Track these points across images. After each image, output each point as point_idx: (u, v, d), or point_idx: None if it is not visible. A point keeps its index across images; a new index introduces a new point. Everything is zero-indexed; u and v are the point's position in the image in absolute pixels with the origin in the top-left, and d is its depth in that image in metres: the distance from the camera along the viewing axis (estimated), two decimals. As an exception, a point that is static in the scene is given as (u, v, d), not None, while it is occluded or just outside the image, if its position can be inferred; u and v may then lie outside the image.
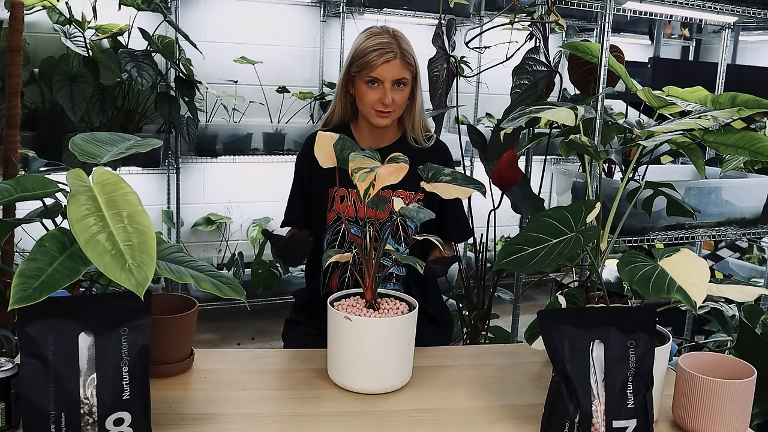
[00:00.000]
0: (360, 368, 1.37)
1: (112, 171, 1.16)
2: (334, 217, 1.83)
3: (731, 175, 2.36)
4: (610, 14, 1.97)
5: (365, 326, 1.34)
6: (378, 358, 1.36)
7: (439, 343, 1.93)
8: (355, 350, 1.36)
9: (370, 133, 1.87)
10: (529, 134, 2.31)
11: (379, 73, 1.76)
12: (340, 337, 1.37)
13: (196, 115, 3.42)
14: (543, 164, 2.28)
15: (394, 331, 1.36)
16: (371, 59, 1.76)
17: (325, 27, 4.03)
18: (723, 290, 1.33)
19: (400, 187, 1.79)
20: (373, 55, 1.76)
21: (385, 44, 1.77)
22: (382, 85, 1.77)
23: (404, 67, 1.77)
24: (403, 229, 1.84)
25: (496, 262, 1.35)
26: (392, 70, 1.76)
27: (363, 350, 1.36)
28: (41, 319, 1.05)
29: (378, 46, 1.76)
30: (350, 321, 1.33)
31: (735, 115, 1.80)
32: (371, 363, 1.36)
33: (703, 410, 1.22)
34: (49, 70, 3.03)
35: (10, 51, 1.97)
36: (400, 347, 1.39)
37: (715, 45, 5.31)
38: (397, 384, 1.40)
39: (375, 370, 1.37)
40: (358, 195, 1.78)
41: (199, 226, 3.90)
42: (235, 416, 1.27)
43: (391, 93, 1.77)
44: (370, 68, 1.76)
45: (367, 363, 1.36)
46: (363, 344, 1.35)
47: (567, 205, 1.41)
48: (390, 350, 1.37)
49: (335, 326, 1.37)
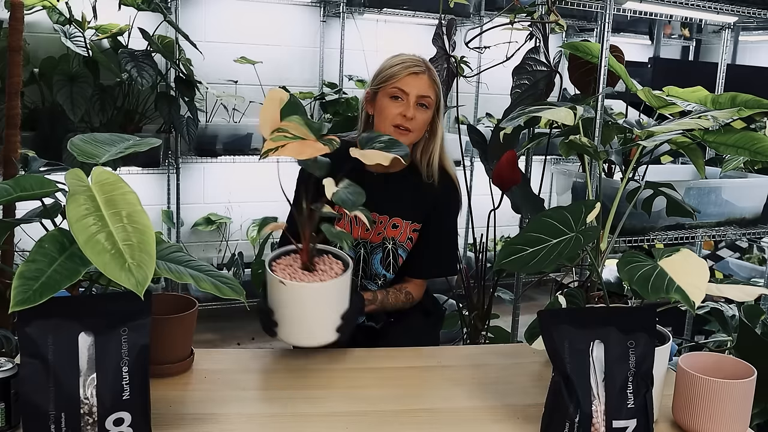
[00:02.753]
0: (295, 326, 1.45)
1: (111, 171, 1.16)
2: None
3: (731, 175, 2.36)
4: (610, 14, 1.97)
5: (298, 289, 1.40)
6: (311, 318, 1.44)
7: (433, 335, 1.94)
8: (290, 309, 1.43)
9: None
10: (529, 134, 2.31)
11: (404, 85, 1.70)
12: (278, 298, 1.43)
13: (196, 115, 3.42)
14: (543, 164, 2.28)
15: (326, 293, 1.43)
16: (397, 70, 1.71)
17: (325, 27, 4.02)
18: (723, 290, 1.33)
19: (397, 215, 1.80)
20: (400, 67, 1.72)
21: (413, 60, 1.73)
22: (407, 98, 1.70)
23: (430, 86, 1.72)
24: (393, 257, 1.80)
25: (496, 262, 1.35)
26: (418, 84, 1.70)
27: (297, 310, 1.43)
28: (41, 319, 1.05)
29: (406, 61, 1.73)
30: (284, 285, 1.39)
31: (735, 115, 1.80)
32: (306, 321, 1.44)
33: (703, 410, 1.22)
34: (49, 70, 3.03)
35: (10, 51, 1.97)
36: (333, 306, 1.45)
37: (715, 45, 5.30)
38: (331, 338, 1.46)
39: (310, 327, 1.45)
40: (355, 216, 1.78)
41: (199, 226, 3.90)
42: (235, 416, 1.26)
43: (414, 110, 1.70)
44: (395, 79, 1.71)
45: (301, 321, 1.44)
46: (297, 304, 1.42)
47: (567, 205, 1.41)
48: (323, 310, 1.44)
49: (273, 286, 1.43)
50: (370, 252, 1.81)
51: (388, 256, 1.80)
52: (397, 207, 1.80)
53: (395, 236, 1.80)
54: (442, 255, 1.86)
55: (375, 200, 1.80)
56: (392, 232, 1.80)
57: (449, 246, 1.87)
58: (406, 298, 1.81)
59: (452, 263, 1.91)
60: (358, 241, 1.81)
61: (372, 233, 1.80)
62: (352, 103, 3.78)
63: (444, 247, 1.86)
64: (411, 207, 1.80)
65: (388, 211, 1.80)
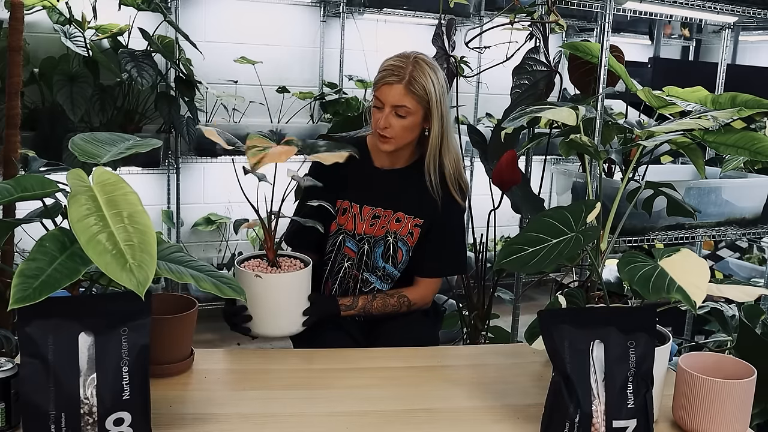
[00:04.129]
0: (270, 317, 1.58)
1: (112, 171, 1.17)
2: (336, 229, 1.84)
3: (731, 175, 2.36)
4: (610, 14, 1.97)
5: (272, 281, 1.56)
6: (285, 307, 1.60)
7: (432, 334, 1.94)
8: (266, 301, 1.57)
9: (386, 153, 1.82)
10: (529, 134, 2.31)
11: (380, 94, 1.72)
12: (252, 293, 1.53)
13: (196, 115, 3.41)
14: (543, 164, 2.28)
15: (295, 283, 1.60)
16: (377, 79, 1.73)
17: (325, 27, 4.02)
18: (723, 290, 1.33)
19: (401, 209, 1.82)
20: (380, 75, 1.73)
21: (395, 67, 1.71)
22: (383, 107, 1.72)
23: (406, 95, 1.70)
24: (393, 250, 1.82)
25: (496, 262, 1.35)
26: (392, 93, 1.70)
27: (271, 301, 1.57)
28: (41, 319, 1.05)
29: (388, 68, 1.72)
30: (260, 278, 1.54)
31: (735, 115, 1.80)
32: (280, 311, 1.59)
33: (703, 410, 1.22)
34: (49, 70, 3.03)
35: (10, 51, 1.97)
36: (303, 296, 1.62)
37: (715, 45, 5.30)
38: (294, 329, 1.62)
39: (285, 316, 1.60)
40: (360, 211, 1.80)
41: (199, 226, 3.90)
42: (235, 416, 1.27)
43: (390, 118, 1.71)
44: (376, 88, 1.73)
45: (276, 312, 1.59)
46: (272, 295, 1.57)
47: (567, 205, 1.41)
48: (295, 298, 1.61)
49: (246, 284, 1.52)
50: (373, 246, 1.82)
51: (388, 249, 1.82)
52: (402, 202, 1.82)
53: (397, 230, 1.82)
54: (447, 253, 1.87)
55: (380, 195, 1.82)
56: (395, 226, 1.83)
57: (453, 244, 1.88)
58: (398, 302, 1.81)
59: (457, 261, 1.91)
60: (363, 236, 1.82)
61: (375, 227, 1.82)
62: (352, 103, 3.77)
63: (448, 246, 1.87)
64: (415, 203, 1.83)
65: (392, 205, 1.83)
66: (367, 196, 1.83)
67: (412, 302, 1.83)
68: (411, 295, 1.83)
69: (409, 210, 1.82)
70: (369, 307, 1.78)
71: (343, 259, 1.83)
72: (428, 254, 1.84)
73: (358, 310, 1.77)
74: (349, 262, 1.82)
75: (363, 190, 1.83)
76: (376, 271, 1.83)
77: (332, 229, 1.84)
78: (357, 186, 1.83)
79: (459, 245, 1.90)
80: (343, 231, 1.83)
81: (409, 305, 1.82)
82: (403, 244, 1.82)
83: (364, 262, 1.83)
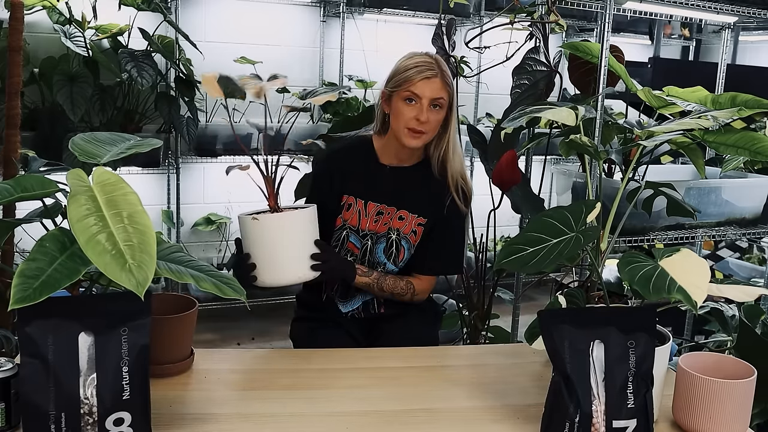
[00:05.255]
0: (273, 262, 1.55)
1: (112, 171, 1.16)
2: (341, 224, 1.84)
3: (731, 175, 2.36)
4: (610, 14, 1.97)
5: (271, 222, 1.54)
6: (286, 250, 1.56)
7: (432, 334, 1.95)
8: (266, 244, 1.54)
9: (395, 151, 1.83)
10: (529, 134, 2.31)
11: (417, 89, 1.73)
12: (253, 239, 1.54)
13: (196, 115, 3.41)
14: (543, 164, 2.28)
15: (295, 224, 1.56)
16: (411, 75, 1.74)
17: (325, 27, 4.02)
18: (723, 290, 1.33)
19: (404, 207, 1.83)
20: (413, 71, 1.74)
21: (426, 62, 1.75)
22: (420, 102, 1.73)
23: (443, 87, 1.75)
24: (395, 248, 1.83)
25: (496, 262, 1.35)
26: (431, 87, 1.73)
27: (271, 243, 1.54)
28: (41, 319, 1.05)
29: (419, 64, 1.75)
30: (258, 221, 1.51)
31: (735, 115, 1.80)
32: (282, 254, 1.55)
33: (703, 410, 1.22)
34: (49, 70, 3.03)
35: (10, 51, 1.97)
36: (306, 239, 1.58)
37: (715, 45, 5.30)
38: (302, 275, 1.57)
39: (288, 260, 1.56)
40: (364, 206, 1.80)
41: (199, 226, 3.90)
42: (235, 416, 1.27)
43: (427, 112, 1.74)
44: (409, 83, 1.74)
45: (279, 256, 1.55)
46: (271, 237, 1.54)
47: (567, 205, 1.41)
48: (297, 240, 1.56)
49: (247, 231, 1.54)
50: (375, 242, 1.83)
51: (390, 246, 1.83)
52: (406, 200, 1.83)
53: (400, 228, 1.83)
54: (447, 253, 1.88)
55: (384, 192, 1.83)
56: (398, 223, 1.83)
57: (453, 244, 1.89)
58: (406, 287, 1.83)
59: (456, 261, 1.93)
60: (366, 232, 1.83)
61: (379, 224, 1.83)
62: (352, 103, 3.77)
63: (449, 246, 1.88)
64: (419, 201, 1.83)
65: (396, 203, 1.84)
66: (373, 193, 1.83)
67: (416, 292, 1.85)
68: (416, 286, 1.85)
69: (413, 208, 1.83)
70: (382, 282, 1.79)
71: (347, 254, 1.84)
72: (430, 253, 1.86)
73: (373, 280, 1.78)
74: (352, 258, 1.83)
75: (368, 187, 1.84)
76: (376, 267, 1.83)
77: (337, 224, 1.84)
78: (362, 182, 1.83)
79: (459, 245, 1.92)
80: (347, 226, 1.83)
81: (413, 294, 1.84)
82: (405, 243, 1.83)
83: (366, 259, 1.84)
